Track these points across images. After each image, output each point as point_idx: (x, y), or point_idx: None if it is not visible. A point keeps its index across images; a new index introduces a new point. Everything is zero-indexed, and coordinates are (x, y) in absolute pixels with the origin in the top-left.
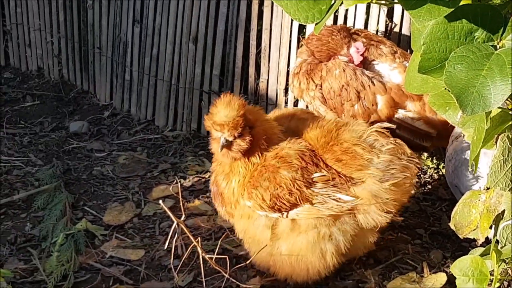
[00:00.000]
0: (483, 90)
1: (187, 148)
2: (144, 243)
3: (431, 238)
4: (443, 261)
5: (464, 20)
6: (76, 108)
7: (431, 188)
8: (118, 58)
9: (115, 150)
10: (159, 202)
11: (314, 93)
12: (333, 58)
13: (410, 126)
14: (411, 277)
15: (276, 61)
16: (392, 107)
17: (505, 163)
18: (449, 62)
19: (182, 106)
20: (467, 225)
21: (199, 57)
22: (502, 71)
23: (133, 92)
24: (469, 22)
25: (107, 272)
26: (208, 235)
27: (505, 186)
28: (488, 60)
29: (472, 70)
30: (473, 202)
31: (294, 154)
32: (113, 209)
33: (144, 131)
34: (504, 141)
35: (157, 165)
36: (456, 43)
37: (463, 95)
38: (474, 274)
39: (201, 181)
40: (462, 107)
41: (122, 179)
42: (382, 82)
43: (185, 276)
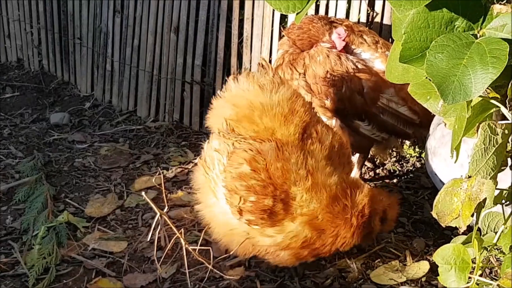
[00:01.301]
0: (464, 79)
1: (170, 139)
2: (126, 235)
3: (413, 227)
4: (425, 250)
5: (444, 9)
6: (57, 99)
7: (413, 177)
8: (99, 48)
9: (96, 141)
10: (142, 193)
11: (298, 82)
12: (315, 46)
13: (394, 111)
14: (394, 265)
15: (258, 51)
16: (377, 91)
17: (486, 152)
18: (430, 51)
19: (164, 96)
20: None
21: (180, 47)
22: (482, 60)
23: (114, 82)
24: (450, 11)
25: (89, 265)
26: (191, 226)
27: (487, 174)
28: (468, 49)
29: (453, 59)
30: (455, 191)
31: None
32: (95, 201)
33: (126, 122)
34: (485, 129)
35: (139, 156)
36: (437, 32)
37: (444, 84)
38: (456, 262)
39: (184, 172)
40: (443, 96)
41: (104, 171)
42: (367, 66)
43: (168, 268)
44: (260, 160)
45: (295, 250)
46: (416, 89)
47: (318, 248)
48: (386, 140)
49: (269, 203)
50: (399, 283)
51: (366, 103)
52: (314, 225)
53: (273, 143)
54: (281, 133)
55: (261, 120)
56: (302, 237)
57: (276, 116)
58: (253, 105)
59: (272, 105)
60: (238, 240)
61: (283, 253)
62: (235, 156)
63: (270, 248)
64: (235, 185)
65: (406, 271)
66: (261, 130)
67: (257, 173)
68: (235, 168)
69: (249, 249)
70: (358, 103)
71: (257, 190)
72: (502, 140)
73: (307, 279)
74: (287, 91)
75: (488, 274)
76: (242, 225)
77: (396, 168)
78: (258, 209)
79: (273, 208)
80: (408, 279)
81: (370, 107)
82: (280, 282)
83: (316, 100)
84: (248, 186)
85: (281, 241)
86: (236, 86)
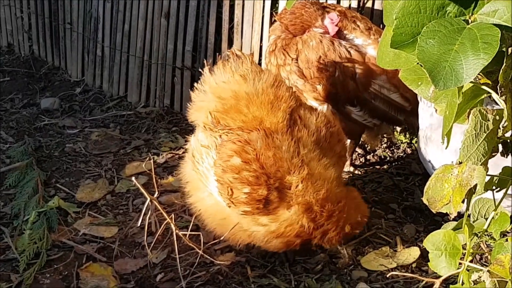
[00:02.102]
0: (455, 65)
1: (160, 124)
2: (117, 220)
3: (404, 213)
4: (416, 236)
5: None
6: (47, 84)
7: (404, 163)
8: (89, 34)
9: (87, 126)
10: (132, 179)
11: (291, 68)
12: (307, 31)
13: (386, 97)
14: (384, 251)
15: (249, 37)
16: (369, 77)
17: (477, 138)
18: (421, 36)
19: (154, 82)
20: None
21: (171, 32)
22: (474, 46)
23: (105, 68)
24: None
25: (80, 250)
26: (182, 212)
27: (477, 160)
28: (460, 35)
29: (444, 44)
30: (446, 177)
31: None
32: (85, 186)
33: (117, 108)
34: (476, 115)
35: (130, 141)
36: (428, 17)
37: (435, 70)
38: (446, 248)
39: (174, 157)
40: (434, 82)
41: (94, 156)
42: (360, 52)
43: (159, 253)
44: (250, 151)
45: (290, 238)
46: (407, 75)
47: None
48: (377, 127)
49: (263, 193)
50: (389, 269)
51: (358, 88)
52: (310, 215)
53: (261, 132)
54: (270, 121)
55: (248, 109)
56: (298, 226)
57: (263, 104)
58: (238, 95)
59: (257, 93)
60: (232, 229)
61: (275, 241)
62: (224, 149)
63: (265, 236)
64: (227, 178)
65: (397, 257)
66: (249, 119)
67: (248, 164)
68: (225, 161)
69: (244, 239)
70: (350, 88)
71: (250, 181)
72: (493, 126)
73: (298, 265)
74: (269, 77)
75: (478, 260)
76: (236, 215)
77: (387, 154)
78: (253, 200)
79: (268, 197)
80: (398, 265)
81: (362, 93)
82: (271, 267)
83: (308, 85)
84: (241, 178)
85: (276, 229)
86: (215, 78)
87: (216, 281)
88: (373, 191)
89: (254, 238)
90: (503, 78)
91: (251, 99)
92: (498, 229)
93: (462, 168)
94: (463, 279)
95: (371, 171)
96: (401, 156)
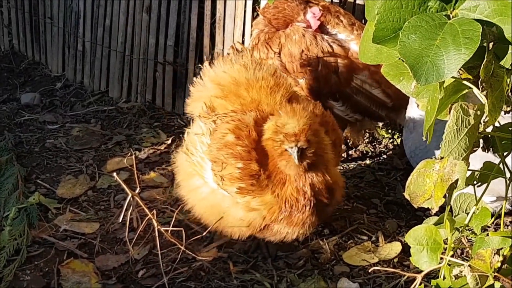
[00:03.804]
0: (437, 60)
1: (142, 119)
2: (98, 216)
3: (386, 208)
4: (398, 230)
5: None
6: (28, 79)
7: (386, 158)
8: (70, 28)
9: (68, 122)
10: (114, 174)
11: (273, 62)
12: (290, 25)
13: (368, 93)
14: (366, 246)
15: (231, 32)
16: (351, 72)
17: (458, 133)
18: (403, 32)
19: (136, 77)
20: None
21: (153, 27)
22: (455, 41)
23: (86, 63)
24: None
25: (61, 246)
26: (164, 207)
27: (459, 155)
28: (441, 30)
29: (426, 39)
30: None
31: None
32: (66, 182)
33: (98, 103)
34: (457, 110)
35: (111, 137)
36: (410, 12)
37: (417, 65)
38: (428, 243)
39: (156, 153)
40: (416, 77)
41: (75, 152)
42: (342, 46)
43: (141, 249)
44: (243, 127)
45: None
46: (389, 70)
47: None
48: (359, 122)
49: (255, 167)
50: (371, 264)
51: (341, 83)
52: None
53: (253, 112)
54: (267, 102)
55: (247, 93)
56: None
57: (262, 88)
58: (238, 81)
59: (257, 79)
60: (230, 221)
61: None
62: (219, 130)
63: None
64: (222, 155)
65: (379, 252)
66: (247, 102)
67: (241, 140)
68: (220, 139)
69: (242, 229)
70: (332, 82)
71: (243, 155)
72: (474, 121)
73: (280, 260)
74: (270, 68)
75: (459, 255)
76: (231, 204)
77: (368, 150)
78: (247, 175)
79: (259, 173)
80: (380, 260)
81: (344, 88)
82: (253, 263)
83: (290, 79)
84: (234, 154)
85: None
86: (215, 69)
87: (198, 277)
88: (355, 186)
89: (252, 227)
90: (484, 73)
91: (251, 84)
92: (479, 224)
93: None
94: (444, 273)
95: (353, 166)
96: (383, 151)
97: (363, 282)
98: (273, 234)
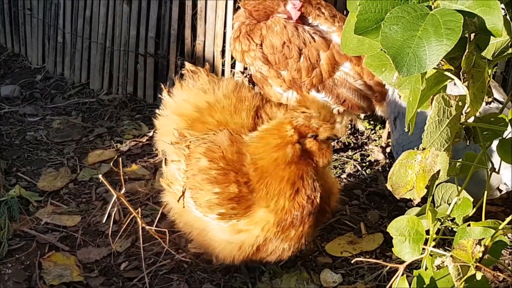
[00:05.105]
0: (419, 51)
1: (124, 111)
2: (80, 209)
3: (368, 199)
4: (380, 221)
5: None
6: (7, 71)
7: (368, 149)
8: (50, 20)
9: (49, 114)
10: (100, 176)
11: (255, 53)
12: (271, 17)
13: (350, 85)
14: (349, 237)
15: (213, 23)
16: (333, 64)
17: (440, 124)
18: (384, 23)
19: (117, 69)
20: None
21: (133, 19)
22: (437, 32)
23: (66, 55)
24: None
25: (42, 239)
26: (146, 200)
27: (440, 146)
28: (423, 21)
29: (408, 30)
30: (409, 163)
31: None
32: (47, 174)
33: (79, 95)
34: (439, 101)
35: (92, 129)
36: (391, 3)
37: (398, 56)
38: (410, 233)
39: (138, 145)
40: (398, 68)
41: (56, 144)
42: (324, 38)
43: (123, 242)
44: (215, 149)
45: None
46: (371, 61)
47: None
48: (341, 114)
49: (234, 190)
50: (353, 255)
51: (323, 74)
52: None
53: (225, 131)
54: (234, 122)
55: (212, 117)
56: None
57: (225, 109)
58: (200, 106)
59: (218, 100)
60: (219, 246)
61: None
62: (192, 155)
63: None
64: (196, 181)
65: (361, 243)
66: (214, 127)
67: (215, 163)
68: (194, 165)
69: (235, 254)
70: (314, 74)
71: (219, 179)
72: (455, 112)
73: None
74: (229, 83)
75: (441, 245)
76: (218, 229)
77: (350, 141)
78: (226, 199)
79: (240, 194)
80: (362, 251)
81: (326, 79)
82: None
83: (272, 71)
84: (209, 179)
85: (259, 235)
86: (175, 98)
87: (181, 269)
88: (337, 178)
89: (244, 251)
90: (465, 64)
91: (213, 107)
92: (460, 215)
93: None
94: (426, 264)
95: (335, 157)
96: (365, 143)
97: (346, 273)
98: (269, 254)
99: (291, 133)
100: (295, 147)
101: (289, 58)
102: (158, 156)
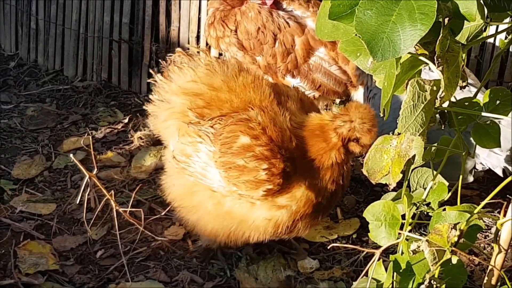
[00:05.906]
0: (393, 36)
1: (98, 98)
2: (55, 196)
3: None
4: (356, 207)
5: None
6: None
7: None
8: (22, 6)
9: (22, 101)
10: (70, 155)
11: (230, 39)
12: (245, 2)
13: (325, 70)
14: (325, 223)
15: (187, 9)
16: (308, 49)
17: (415, 108)
18: (359, 8)
19: (91, 55)
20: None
21: (107, 4)
22: (411, 17)
23: (39, 41)
24: None
25: (17, 228)
26: (122, 187)
27: (416, 131)
28: (397, 6)
29: (382, 15)
30: (385, 148)
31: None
32: (22, 162)
33: (53, 82)
34: (414, 86)
35: (67, 116)
36: None
37: (373, 41)
38: (386, 218)
39: (113, 132)
40: (372, 53)
41: (31, 132)
42: (298, 23)
43: (99, 229)
44: (255, 126)
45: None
46: (346, 46)
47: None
48: (317, 99)
49: (280, 165)
50: (330, 240)
51: (298, 60)
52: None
53: (256, 109)
54: (258, 98)
55: (232, 95)
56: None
57: (245, 86)
58: (214, 85)
59: (234, 78)
60: (248, 226)
61: (299, 224)
62: (225, 134)
63: (289, 221)
64: (240, 160)
65: (337, 228)
66: (237, 104)
67: (259, 139)
68: (232, 145)
69: (267, 229)
70: (289, 59)
71: (267, 155)
72: (430, 97)
73: None
74: (235, 64)
75: (417, 230)
76: (248, 209)
77: None
78: (273, 175)
79: (286, 168)
80: (339, 236)
81: (301, 64)
82: None
83: (247, 57)
84: (256, 155)
85: (296, 209)
86: (176, 82)
87: (157, 256)
88: None
89: (278, 227)
90: (439, 48)
91: (230, 85)
92: (436, 199)
93: (400, 139)
94: (402, 249)
95: None
96: None
97: (323, 258)
98: (293, 230)
99: (336, 140)
100: (339, 151)
101: (264, 43)
102: (134, 143)
